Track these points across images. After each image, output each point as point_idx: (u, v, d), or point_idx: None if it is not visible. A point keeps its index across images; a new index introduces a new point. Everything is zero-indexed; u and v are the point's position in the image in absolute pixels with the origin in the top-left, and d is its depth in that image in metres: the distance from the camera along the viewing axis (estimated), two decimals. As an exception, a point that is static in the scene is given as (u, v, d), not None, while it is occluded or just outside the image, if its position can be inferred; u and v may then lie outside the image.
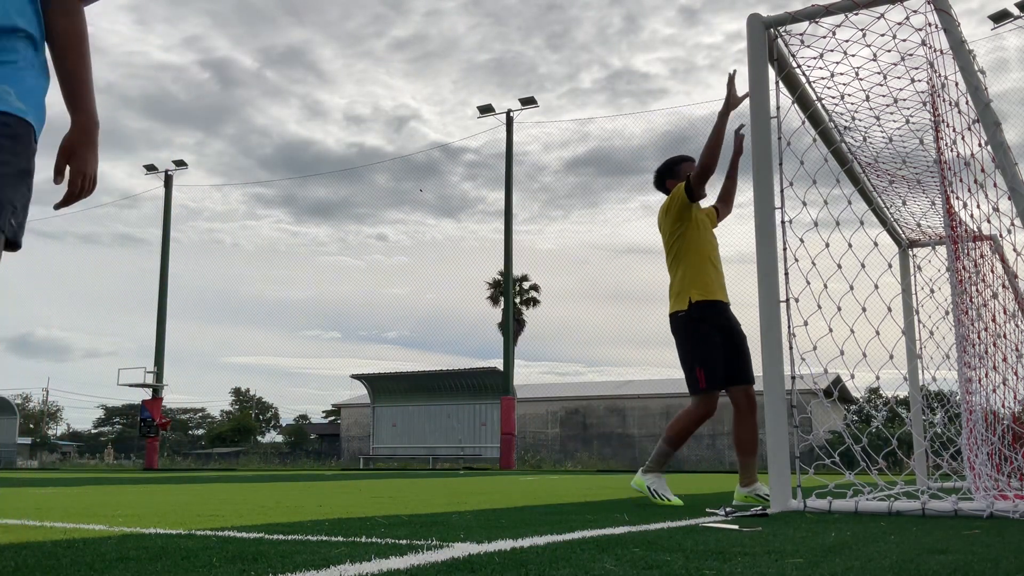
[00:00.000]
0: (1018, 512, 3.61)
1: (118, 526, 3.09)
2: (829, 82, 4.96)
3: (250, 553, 2.15)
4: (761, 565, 1.95)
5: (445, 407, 31.39)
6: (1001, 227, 4.33)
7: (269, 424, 68.30)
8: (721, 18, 66.41)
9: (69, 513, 3.85)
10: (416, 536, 2.66)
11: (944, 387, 7.67)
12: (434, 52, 70.10)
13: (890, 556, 2.16)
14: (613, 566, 1.91)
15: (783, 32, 4.63)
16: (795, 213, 4.53)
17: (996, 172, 4.21)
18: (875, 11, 4.42)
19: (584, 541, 2.49)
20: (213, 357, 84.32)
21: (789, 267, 4.46)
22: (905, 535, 2.82)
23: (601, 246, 44.75)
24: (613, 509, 4.25)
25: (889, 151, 5.96)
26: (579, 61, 64.47)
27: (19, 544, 2.40)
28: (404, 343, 76.88)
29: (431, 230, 53.94)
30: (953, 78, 4.35)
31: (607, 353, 68.38)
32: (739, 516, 3.59)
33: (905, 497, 4.44)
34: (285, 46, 74.17)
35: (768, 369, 4.32)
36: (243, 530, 2.91)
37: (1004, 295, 5.88)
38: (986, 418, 4.67)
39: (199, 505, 4.53)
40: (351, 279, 60.97)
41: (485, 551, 2.17)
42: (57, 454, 49.83)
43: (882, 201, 7.21)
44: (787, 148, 4.61)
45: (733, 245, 42.76)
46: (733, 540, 2.56)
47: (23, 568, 1.90)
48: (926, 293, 7.10)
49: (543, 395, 35.97)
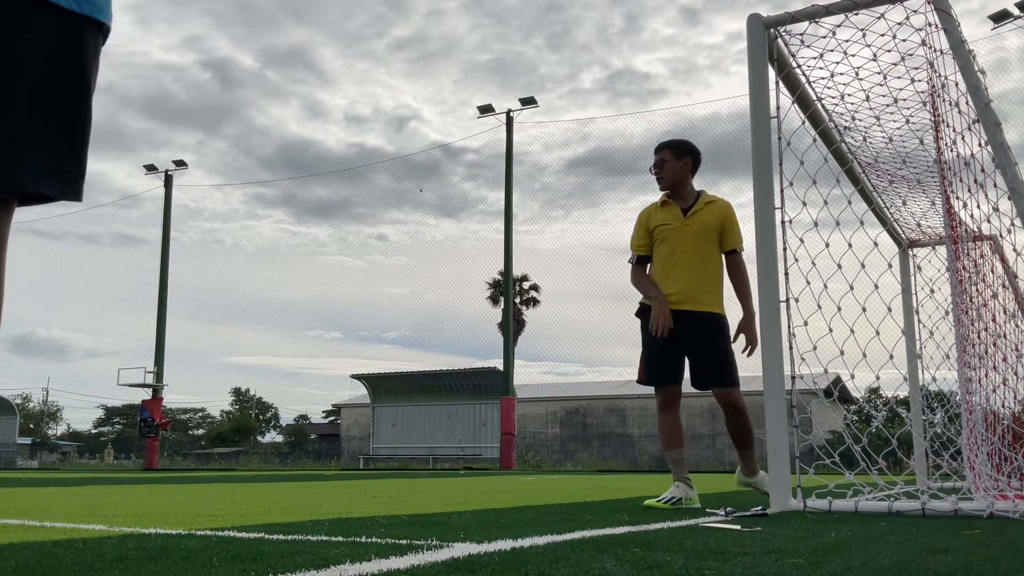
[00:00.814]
0: (1018, 512, 3.61)
1: (118, 526, 3.09)
2: (829, 82, 4.96)
3: (250, 553, 2.15)
4: (761, 565, 1.95)
5: (445, 407, 31.40)
6: (1001, 227, 4.33)
7: (269, 424, 68.33)
8: (721, 18, 66.49)
9: (69, 513, 3.85)
10: (416, 536, 2.66)
11: (944, 387, 7.67)
12: (435, 52, 70.18)
13: (890, 556, 2.16)
14: (613, 566, 1.91)
15: (783, 32, 4.63)
16: (795, 213, 4.54)
17: (996, 172, 4.21)
18: (875, 11, 4.42)
19: (584, 541, 2.49)
20: (213, 357, 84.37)
21: (789, 267, 4.46)
22: (905, 535, 2.82)
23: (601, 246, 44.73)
24: (613, 509, 4.25)
25: (889, 151, 5.96)
26: (580, 61, 64.53)
27: (19, 544, 2.40)
28: (404, 343, 76.94)
29: (431, 230, 53.94)
30: (953, 78, 4.35)
31: (607, 353, 68.37)
32: (739, 516, 3.59)
33: (905, 497, 4.44)
34: (286, 46, 74.26)
35: (768, 369, 4.32)
36: (243, 530, 2.91)
37: (1004, 295, 5.88)
38: (986, 418, 4.67)
39: (199, 505, 4.53)
40: (351, 279, 60.94)
41: (485, 551, 2.17)
42: (57, 454, 49.82)
43: (882, 201, 7.21)
44: (787, 148, 4.62)
45: (733, 245, 42.68)
46: (733, 540, 2.56)
47: (23, 568, 1.90)
48: (926, 293, 7.11)
49: (543, 395, 35.97)
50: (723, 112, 52.02)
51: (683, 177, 4.78)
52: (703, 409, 32.27)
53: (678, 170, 4.76)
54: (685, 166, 4.77)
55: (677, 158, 4.78)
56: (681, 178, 4.77)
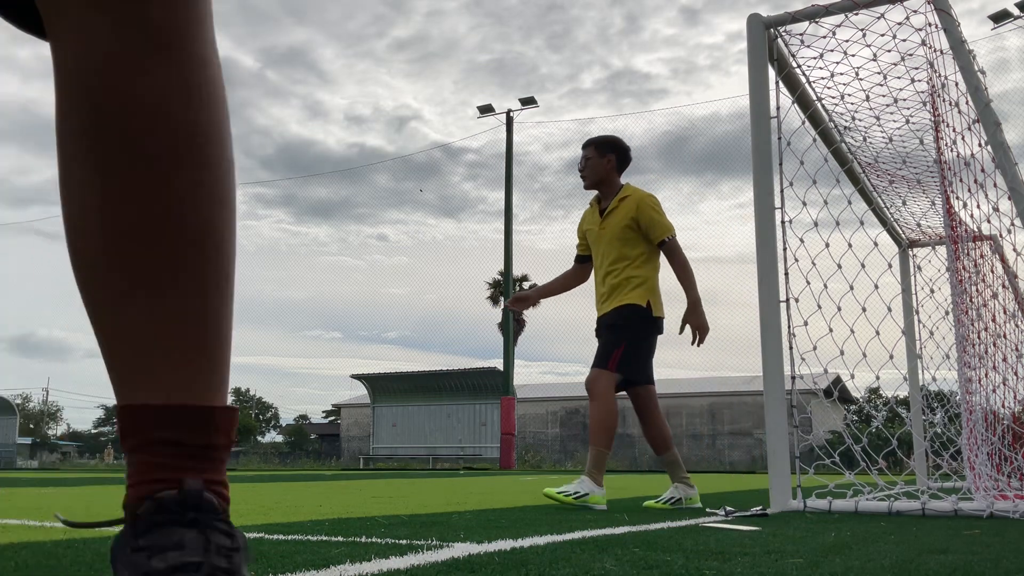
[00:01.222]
0: (1018, 512, 3.61)
1: (118, 526, 3.08)
2: (829, 82, 4.96)
3: (250, 553, 2.15)
4: (761, 565, 1.95)
5: (445, 407, 31.40)
6: (1001, 227, 4.33)
7: (269, 424, 68.35)
8: (722, 18, 66.54)
9: (69, 513, 3.85)
10: (416, 536, 2.66)
11: (944, 387, 7.68)
12: (435, 52, 70.21)
13: (890, 556, 2.16)
14: (613, 566, 1.91)
15: (783, 32, 4.63)
16: (795, 213, 4.54)
17: (996, 172, 4.21)
18: (875, 11, 4.42)
19: (584, 541, 2.49)
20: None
21: (789, 267, 4.46)
22: (905, 535, 2.82)
23: (601, 246, 44.72)
24: (613, 509, 4.25)
25: (889, 151, 5.96)
26: (580, 61, 64.58)
27: (19, 544, 2.40)
28: (404, 343, 76.94)
29: (431, 230, 53.98)
30: (953, 78, 4.35)
31: (607, 353, 68.20)
32: (739, 516, 3.59)
33: (905, 497, 4.44)
34: (286, 46, 74.29)
35: (768, 369, 4.32)
36: (243, 530, 2.90)
37: (1004, 295, 5.89)
38: (986, 418, 4.68)
39: (199, 505, 4.53)
40: (351, 279, 60.99)
41: (485, 551, 2.17)
42: (57, 454, 49.81)
43: (882, 201, 7.21)
44: (787, 148, 4.62)
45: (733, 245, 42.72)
46: (733, 540, 2.56)
47: (23, 568, 1.89)
48: (926, 293, 7.12)
49: (543, 395, 35.96)
50: (723, 112, 52.05)
51: (606, 175, 4.64)
52: (703, 409, 32.28)
53: (600, 168, 4.64)
54: (608, 163, 4.63)
55: (600, 155, 4.65)
56: (604, 176, 4.64)
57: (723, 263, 41.96)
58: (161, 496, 0.85)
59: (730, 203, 44.42)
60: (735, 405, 31.66)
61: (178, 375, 0.86)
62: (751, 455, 30.28)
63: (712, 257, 48.79)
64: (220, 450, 0.90)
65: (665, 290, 4.64)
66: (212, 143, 0.87)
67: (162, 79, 0.83)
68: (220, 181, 0.88)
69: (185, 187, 0.85)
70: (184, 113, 0.84)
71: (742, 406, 31.29)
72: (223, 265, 0.89)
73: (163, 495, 0.85)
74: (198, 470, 0.87)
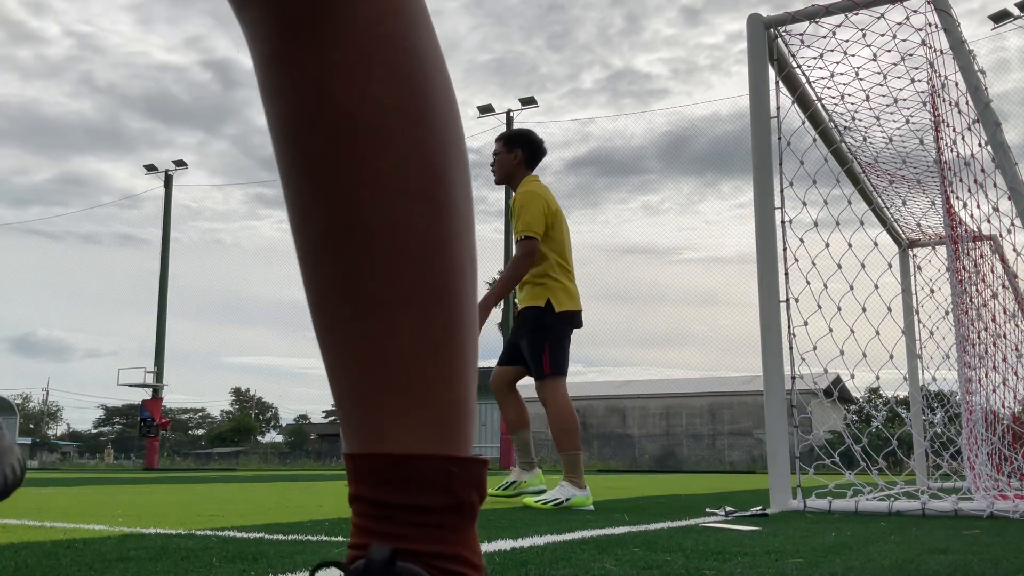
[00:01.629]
0: (1018, 512, 3.61)
1: (118, 526, 3.09)
2: (829, 82, 4.96)
3: (250, 553, 2.15)
4: (761, 565, 1.95)
5: (445, 407, 31.36)
6: (1001, 227, 4.33)
7: (269, 424, 68.33)
8: (722, 18, 66.58)
9: (69, 513, 3.85)
10: (416, 536, 2.65)
11: (944, 387, 7.68)
12: (434, 52, 70.12)
13: (890, 556, 2.16)
14: (613, 566, 1.91)
15: (783, 32, 4.63)
16: (795, 213, 4.54)
17: (996, 172, 4.21)
18: (875, 11, 4.42)
19: (584, 541, 2.49)
20: (213, 357, 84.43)
21: (789, 267, 4.46)
22: (905, 535, 2.82)
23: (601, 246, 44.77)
24: (613, 509, 4.25)
25: (889, 151, 5.96)
26: (580, 61, 64.61)
27: (19, 544, 2.40)
28: (404, 343, 76.65)
29: (431, 230, 53.82)
30: (953, 78, 4.35)
31: (607, 353, 68.33)
32: (739, 516, 3.59)
33: (905, 497, 4.44)
34: (285, 46, 74.13)
35: (768, 369, 4.32)
36: (243, 530, 2.90)
37: (1004, 295, 5.89)
38: (986, 418, 4.68)
39: (199, 505, 4.53)
40: (351, 279, 60.67)
41: (485, 551, 2.17)
42: (57, 454, 49.81)
43: (882, 201, 7.21)
44: (787, 148, 4.62)
45: (733, 245, 42.72)
46: (733, 540, 2.56)
47: (23, 568, 1.90)
48: (926, 293, 7.12)
49: (543, 395, 35.92)
50: (723, 112, 52.02)
51: (513, 171, 4.59)
52: (703, 409, 32.28)
53: (507, 163, 4.59)
54: (515, 158, 4.58)
55: (508, 150, 4.60)
56: (511, 171, 4.59)
57: (723, 263, 42.02)
58: (353, 568, 0.65)
59: (730, 203, 44.42)
60: (735, 405, 31.67)
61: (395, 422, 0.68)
62: (751, 455, 30.28)
63: (712, 257, 48.85)
64: (440, 513, 0.67)
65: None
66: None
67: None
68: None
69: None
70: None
71: (742, 406, 31.29)
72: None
73: (355, 565, 0.65)
74: (395, 536, 0.66)
